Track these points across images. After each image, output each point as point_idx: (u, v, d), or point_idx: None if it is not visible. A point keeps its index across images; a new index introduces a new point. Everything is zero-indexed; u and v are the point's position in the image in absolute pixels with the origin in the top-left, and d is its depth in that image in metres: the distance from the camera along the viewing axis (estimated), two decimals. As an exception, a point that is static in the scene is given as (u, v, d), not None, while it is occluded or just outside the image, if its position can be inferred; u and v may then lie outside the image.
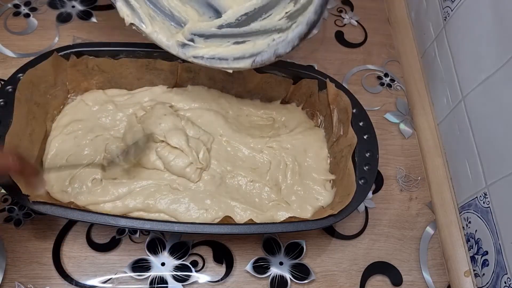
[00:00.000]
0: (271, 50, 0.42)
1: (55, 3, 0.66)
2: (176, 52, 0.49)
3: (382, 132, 0.62)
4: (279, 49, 0.41)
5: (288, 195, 0.53)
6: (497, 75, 0.50)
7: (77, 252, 0.50)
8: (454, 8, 0.58)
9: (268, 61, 0.42)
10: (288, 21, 0.44)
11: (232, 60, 0.45)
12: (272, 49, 0.42)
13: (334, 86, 0.54)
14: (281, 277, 0.51)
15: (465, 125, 0.56)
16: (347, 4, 0.74)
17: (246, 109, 0.59)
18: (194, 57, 0.48)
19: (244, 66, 0.44)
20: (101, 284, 0.48)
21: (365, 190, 0.49)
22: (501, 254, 0.49)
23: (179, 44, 0.49)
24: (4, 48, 0.61)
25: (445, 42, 0.61)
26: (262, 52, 0.42)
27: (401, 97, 0.67)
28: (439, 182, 0.60)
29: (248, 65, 0.44)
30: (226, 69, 0.46)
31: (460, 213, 0.58)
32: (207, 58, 0.47)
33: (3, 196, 0.52)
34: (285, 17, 0.45)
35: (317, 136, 0.57)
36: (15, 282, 0.47)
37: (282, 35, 0.42)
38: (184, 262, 0.51)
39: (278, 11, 0.46)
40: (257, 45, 0.45)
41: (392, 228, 0.56)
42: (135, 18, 0.49)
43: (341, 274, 0.53)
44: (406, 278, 0.54)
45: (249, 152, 0.55)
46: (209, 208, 0.50)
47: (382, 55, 0.70)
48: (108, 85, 0.56)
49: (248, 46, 0.46)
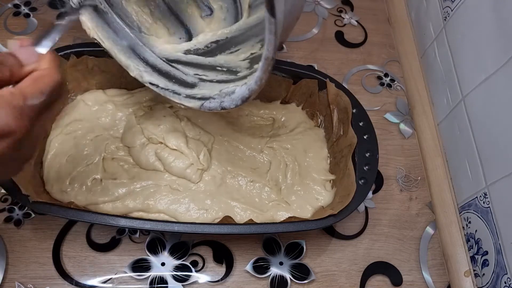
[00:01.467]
0: (218, 100, 0.41)
1: (55, 3, 0.66)
2: (134, 74, 0.47)
3: (382, 132, 0.62)
4: (224, 102, 0.41)
5: (288, 195, 0.53)
6: (497, 75, 0.50)
7: (77, 252, 0.50)
8: (454, 8, 0.58)
9: (214, 109, 0.42)
10: (249, 65, 0.44)
11: (184, 97, 0.44)
12: (219, 100, 0.41)
13: (334, 86, 0.54)
14: (281, 277, 0.51)
15: (465, 125, 0.56)
16: (347, 4, 0.74)
17: (246, 109, 0.59)
18: (150, 83, 0.46)
19: (193, 106, 0.43)
20: (101, 284, 0.48)
21: (365, 190, 0.49)
22: (501, 254, 0.49)
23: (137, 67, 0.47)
24: (4, 48, 0.61)
25: (445, 42, 0.61)
26: (211, 98, 0.42)
27: (401, 97, 0.67)
28: (439, 182, 0.60)
29: (197, 106, 0.43)
30: (177, 103, 0.45)
31: (460, 213, 0.58)
32: (161, 88, 0.46)
33: (3, 196, 0.52)
34: (249, 58, 0.45)
35: (317, 136, 0.57)
36: (15, 282, 0.47)
37: (230, 88, 0.41)
38: (184, 262, 0.51)
39: (245, 48, 0.46)
40: (209, 90, 0.44)
41: (392, 228, 0.56)
42: (97, 32, 0.46)
43: (341, 274, 0.53)
44: (406, 278, 0.54)
45: (249, 152, 0.55)
46: (209, 209, 0.50)
47: (382, 55, 0.70)
48: (108, 85, 0.56)
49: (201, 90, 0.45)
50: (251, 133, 0.56)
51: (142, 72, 0.46)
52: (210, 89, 0.43)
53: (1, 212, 0.51)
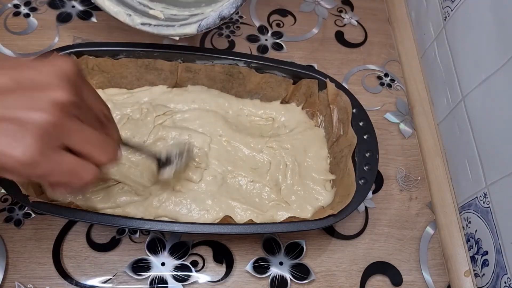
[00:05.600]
0: (215, 13, 0.42)
1: (55, 3, 0.66)
2: (124, 19, 0.48)
3: (382, 132, 0.62)
4: (223, 11, 0.41)
5: (288, 195, 0.53)
6: (497, 75, 0.50)
7: (77, 252, 0.50)
8: (454, 8, 0.58)
9: (213, 24, 0.42)
10: None
11: (179, 26, 0.45)
12: (217, 12, 0.42)
13: (334, 86, 0.54)
14: (281, 277, 0.51)
15: (465, 125, 0.56)
16: (347, 4, 0.74)
17: (246, 109, 0.59)
18: (142, 24, 0.47)
19: (190, 31, 0.44)
20: (101, 284, 0.48)
21: (365, 190, 0.49)
22: (501, 254, 0.49)
23: (126, 13, 0.48)
24: (4, 48, 0.61)
25: (445, 42, 0.61)
26: (207, 16, 0.42)
27: (401, 97, 0.67)
28: (439, 182, 0.60)
29: (194, 30, 0.43)
30: (172, 35, 0.45)
31: (460, 213, 0.58)
32: (154, 26, 0.46)
33: (3, 196, 0.52)
34: None
35: (317, 136, 0.57)
36: (15, 282, 0.47)
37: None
38: (184, 262, 0.51)
39: None
40: (203, 11, 0.45)
41: (392, 228, 0.56)
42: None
43: (341, 274, 0.53)
44: (406, 278, 0.54)
45: (249, 152, 0.55)
46: (210, 209, 0.50)
47: (382, 55, 0.70)
48: (108, 85, 0.56)
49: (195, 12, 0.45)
50: (250, 133, 0.56)
51: (132, 16, 0.47)
52: (202, 11, 0.44)
53: (1, 212, 0.51)
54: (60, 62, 0.31)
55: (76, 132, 0.31)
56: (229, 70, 0.56)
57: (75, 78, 0.31)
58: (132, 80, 0.57)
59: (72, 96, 0.30)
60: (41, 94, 0.29)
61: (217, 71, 0.56)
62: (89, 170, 0.33)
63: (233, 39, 0.67)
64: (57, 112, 0.29)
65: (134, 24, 0.47)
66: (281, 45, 0.68)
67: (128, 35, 0.63)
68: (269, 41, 0.68)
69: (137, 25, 0.47)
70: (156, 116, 0.54)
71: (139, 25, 0.47)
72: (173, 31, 0.45)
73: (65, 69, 0.31)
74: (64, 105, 0.29)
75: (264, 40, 0.68)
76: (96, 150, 0.33)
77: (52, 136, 0.29)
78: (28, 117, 0.28)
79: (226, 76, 0.56)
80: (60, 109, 0.29)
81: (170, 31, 0.45)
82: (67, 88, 0.30)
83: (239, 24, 0.69)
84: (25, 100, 0.28)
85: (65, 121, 0.30)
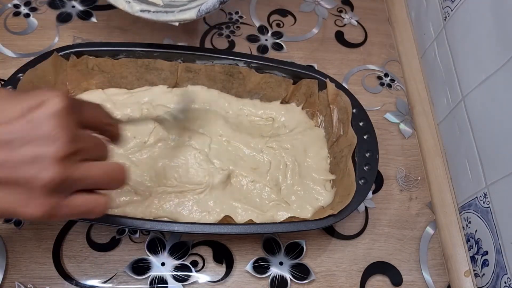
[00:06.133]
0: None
1: (55, 3, 0.66)
2: (123, 6, 0.48)
3: (382, 132, 0.62)
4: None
5: (288, 195, 0.53)
6: (497, 75, 0.50)
7: (77, 252, 0.50)
8: (454, 8, 0.58)
9: (213, 8, 0.42)
10: None
11: (178, 12, 0.44)
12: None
13: (334, 86, 0.54)
14: (281, 277, 0.51)
15: (465, 125, 0.56)
16: (347, 4, 0.74)
17: (246, 109, 0.59)
18: (141, 11, 0.46)
19: (189, 16, 0.43)
20: (101, 284, 0.48)
21: (365, 190, 0.49)
22: (501, 254, 0.49)
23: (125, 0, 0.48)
24: (4, 48, 0.61)
25: (445, 42, 0.61)
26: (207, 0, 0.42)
27: (401, 97, 0.67)
28: (439, 182, 0.60)
29: (193, 15, 0.43)
30: (172, 21, 0.45)
31: (460, 213, 0.58)
32: (153, 12, 0.46)
33: (3, 196, 0.52)
34: None
35: (317, 136, 0.57)
36: (15, 282, 0.47)
37: None
38: (184, 262, 0.51)
39: None
40: None
41: (392, 228, 0.56)
42: None
43: (341, 274, 0.53)
44: (406, 278, 0.54)
45: (249, 152, 0.55)
46: (211, 210, 0.50)
47: (382, 55, 0.70)
48: (108, 85, 0.56)
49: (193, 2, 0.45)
50: (250, 133, 0.56)
51: (131, 3, 0.47)
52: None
53: (1, 212, 0.51)
54: (49, 103, 0.29)
55: (83, 178, 0.31)
56: (229, 70, 0.56)
57: (67, 116, 0.30)
58: (132, 80, 0.57)
59: (72, 144, 0.30)
60: (41, 150, 0.28)
61: (217, 71, 0.56)
62: (101, 204, 0.33)
63: (233, 39, 0.67)
64: (61, 167, 0.29)
65: (133, 11, 0.47)
66: (281, 45, 0.68)
67: (128, 35, 0.64)
68: (269, 41, 0.68)
69: (136, 12, 0.46)
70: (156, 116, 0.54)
71: (138, 12, 0.46)
72: (172, 17, 0.44)
73: (57, 110, 0.29)
74: (65, 157, 0.29)
75: (264, 40, 0.68)
76: (105, 183, 0.33)
77: (60, 189, 0.30)
78: (35, 177, 0.28)
79: (226, 76, 0.56)
80: (63, 163, 0.29)
81: (169, 17, 0.44)
82: (65, 137, 0.29)
83: (239, 24, 0.69)
84: (27, 160, 0.28)
85: (70, 172, 0.30)
